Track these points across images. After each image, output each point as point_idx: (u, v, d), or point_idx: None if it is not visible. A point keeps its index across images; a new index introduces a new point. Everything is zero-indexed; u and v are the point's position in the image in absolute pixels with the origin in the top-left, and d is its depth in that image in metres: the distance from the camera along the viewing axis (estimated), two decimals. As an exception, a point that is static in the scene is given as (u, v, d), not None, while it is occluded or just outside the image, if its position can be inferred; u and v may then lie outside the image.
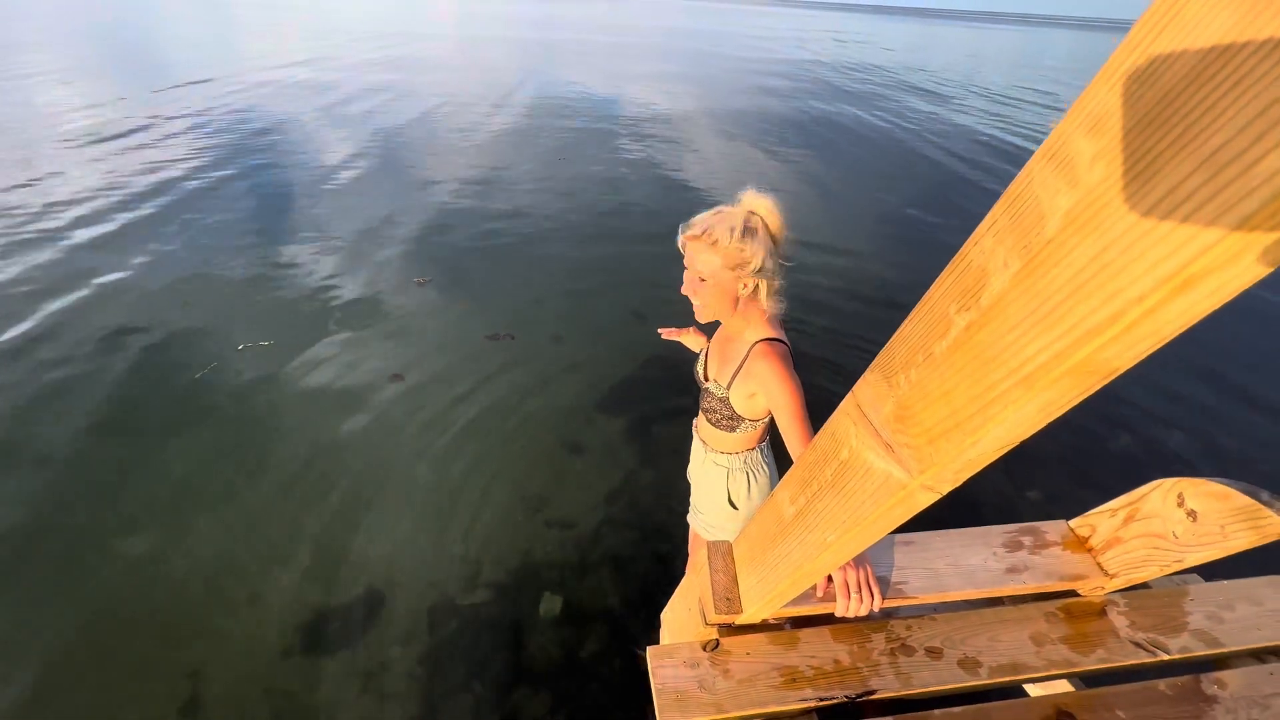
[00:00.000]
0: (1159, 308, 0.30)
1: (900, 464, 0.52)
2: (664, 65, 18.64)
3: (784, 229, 1.18)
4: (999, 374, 0.40)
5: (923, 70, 20.76)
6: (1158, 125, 0.29)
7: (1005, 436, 0.42)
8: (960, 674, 0.97)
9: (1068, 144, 0.34)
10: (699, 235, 1.15)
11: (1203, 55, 0.27)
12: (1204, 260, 0.27)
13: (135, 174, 6.33)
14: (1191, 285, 0.28)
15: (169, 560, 2.29)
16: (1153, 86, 0.29)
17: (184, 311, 3.94)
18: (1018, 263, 0.38)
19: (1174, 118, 0.28)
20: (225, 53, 15.70)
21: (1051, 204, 0.35)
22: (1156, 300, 0.29)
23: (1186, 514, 0.96)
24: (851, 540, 0.63)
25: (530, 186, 6.74)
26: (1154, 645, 1.05)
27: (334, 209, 5.79)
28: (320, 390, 3.25)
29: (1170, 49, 0.28)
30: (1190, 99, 0.27)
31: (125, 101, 9.44)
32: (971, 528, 1.19)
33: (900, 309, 4.03)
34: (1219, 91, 0.26)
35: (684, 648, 0.98)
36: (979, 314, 0.42)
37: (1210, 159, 0.27)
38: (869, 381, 0.57)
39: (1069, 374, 0.35)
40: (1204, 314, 0.30)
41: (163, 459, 2.76)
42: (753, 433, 1.43)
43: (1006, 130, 11.14)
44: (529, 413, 3.14)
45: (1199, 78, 0.27)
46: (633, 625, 2.13)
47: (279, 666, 1.98)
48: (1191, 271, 0.28)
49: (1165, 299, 0.29)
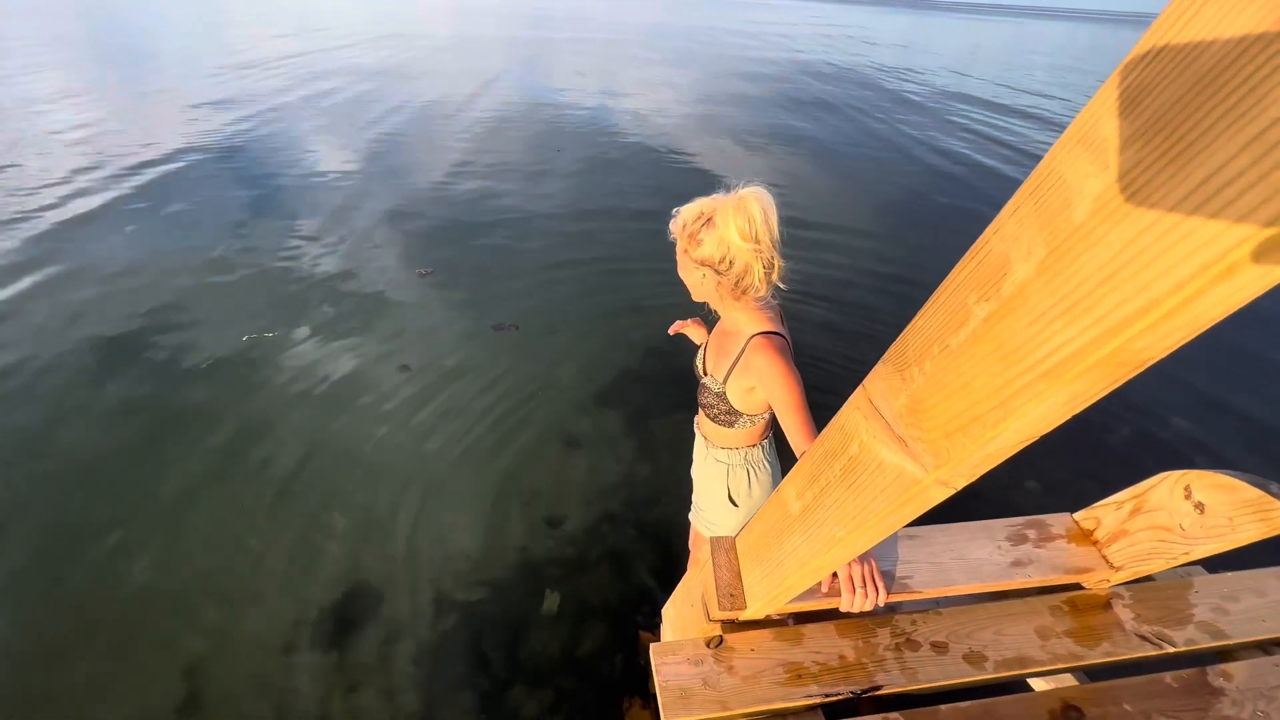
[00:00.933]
0: (1197, 296, 0.28)
1: (914, 459, 0.51)
2: (657, 60, 18.54)
3: (764, 223, 1.11)
4: (1022, 366, 0.39)
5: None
6: (1199, 104, 0.27)
7: (1027, 430, 0.41)
8: (966, 669, 0.96)
9: (1099, 125, 0.33)
10: (674, 222, 1.21)
11: (1252, 25, 0.25)
12: (1248, 245, 0.26)
13: (125, 164, 6.28)
14: (1234, 272, 0.27)
15: (166, 556, 2.28)
16: (1195, 62, 0.27)
17: (185, 303, 3.92)
18: (1043, 250, 0.37)
19: (1217, 95, 0.27)
20: (210, 46, 15.53)
21: (1080, 189, 0.34)
22: (1195, 289, 0.28)
23: (1194, 506, 0.96)
24: (862, 536, 0.62)
25: (527, 179, 6.71)
26: (1159, 638, 1.05)
27: (333, 202, 5.75)
28: (321, 383, 3.23)
29: (1215, 20, 0.27)
30: (1236, 74, 0.26)
31: (116, 96, 9.33)
32: (975, 521, 1.18)
33: (904, 297, 4.01)
34: (1270, 66, 0.25)
35: (687, 644, 0.97)
36: (1000, 304, 0.40)
37: (1258, 139, 0.25)
38: (880, 374, 0.56)
39: (1098, 366, 0.34)
40: (1245, 302, 0.28)
41: (161, 452, 2.73)
42: (753, 429, 1.41)
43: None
44: (526, 407, 3.12)
45: (1246, 51, 0.25)
46: (633, 621, 2.12)
47: (278, 663, 1.97)
48: (1235, 258, 0.26)
49: (1205, 287, 0.28)
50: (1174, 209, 0.28)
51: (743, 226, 1.11)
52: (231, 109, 9.02)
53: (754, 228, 1.11)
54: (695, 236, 1.16)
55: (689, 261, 1.20)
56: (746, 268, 1.15)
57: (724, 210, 1.12)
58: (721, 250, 1.14)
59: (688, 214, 1.18)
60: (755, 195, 1.12)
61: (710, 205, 1.15)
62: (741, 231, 1.11)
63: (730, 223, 1.11)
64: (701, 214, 1.16)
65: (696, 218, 1.16)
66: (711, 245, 1.14)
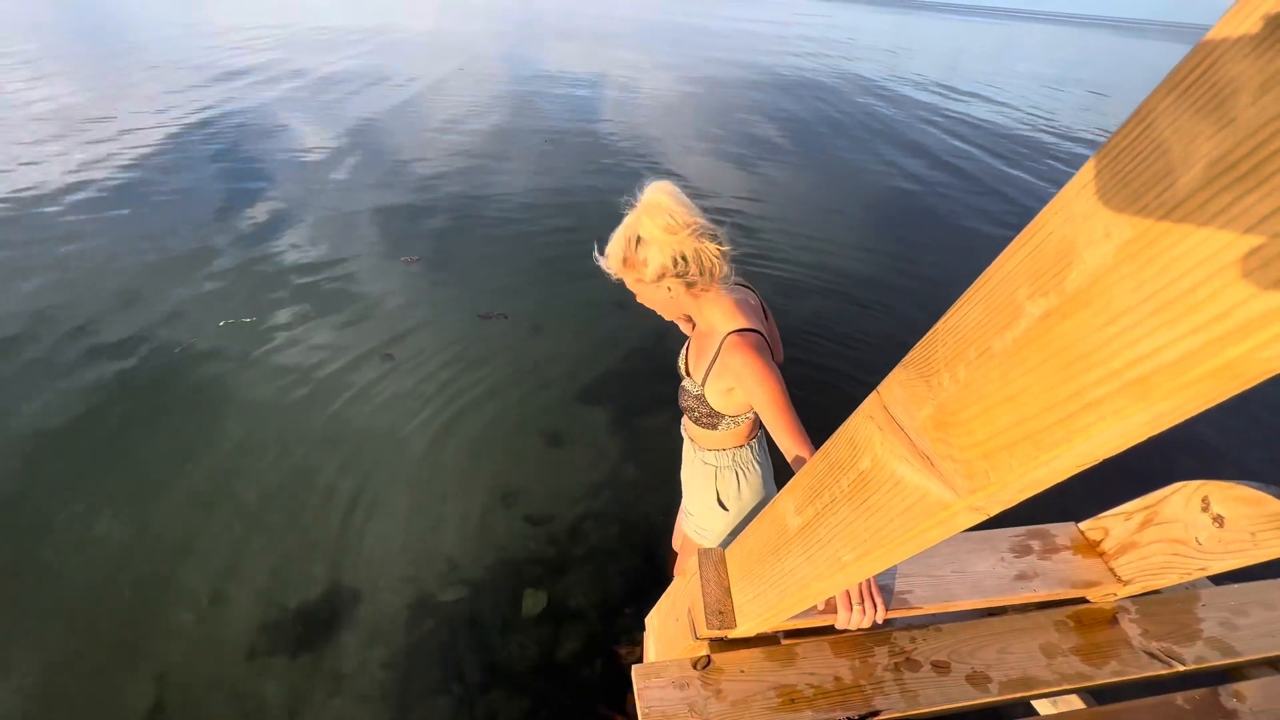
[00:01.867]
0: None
1: (942, 480, 0.43)
2: (644, 55, 18.38)
3: (680, 205, 1.08)
4: (1093, 376, 0.31)
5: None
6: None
7: (1092, 454, 0.34)
8: (970, 691, 0.90)
9: (1218, 69, 0.25)
10: (608, 263, 1.17)
11: None
12: None
13: (106, 154, 6.05)
14: None
15: (128, 556, 2.16)
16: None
17: (159, 289, 3.79)
18: (1127, 232, 0.29)
19: None
20: (186, 36, 15.11)
21: (1186, 152, 0.26)
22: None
23: (1212, 519, 0.90)
24: (872, 562, 0.55)
25: (515, 170, 6.58)
26: (1169, 655, 0.99)
27: (315, 189, 5.62)
28: (298, 374, 3.12)
29: None
30: None
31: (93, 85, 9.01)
32: (976, 531, 1.12)
33: (887, 306, 3.93)
34: None
35: (672, 665, 0.90)
36: (1062, 300, 0.33)
37: None
38: (900, 379, 0.48)
39: (1204, 379, 0.27)
40: None
41: (125, 445, 2.61)
42: (738, 429, 1.34)
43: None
44: (508, 404, 3.03)
45: None
46: (615, 624, 2.05)
47: (246, 668, 1.88)
48: None
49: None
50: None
51: (667, 222, 1.07)
52: (210, 95, 8.77)
53: (676, 217, 1.07)
54: (637, 260, 1.12)
55: (647, 287, 1.16)
56: (699, 253, 1.09)
57: (642, 221, 1.08)
58: (667, 254, 1.09)
59: (615, 248, 1.14)
60: (656, 190, 1.09)
61: (630, 227, 1.12)
62: (669, 226, 1.06)
63: (654, 227, 1.07)
64: (628, 238, 1.12)
65: (626, 243, 1.12)
66: (656, 256, 1.09)
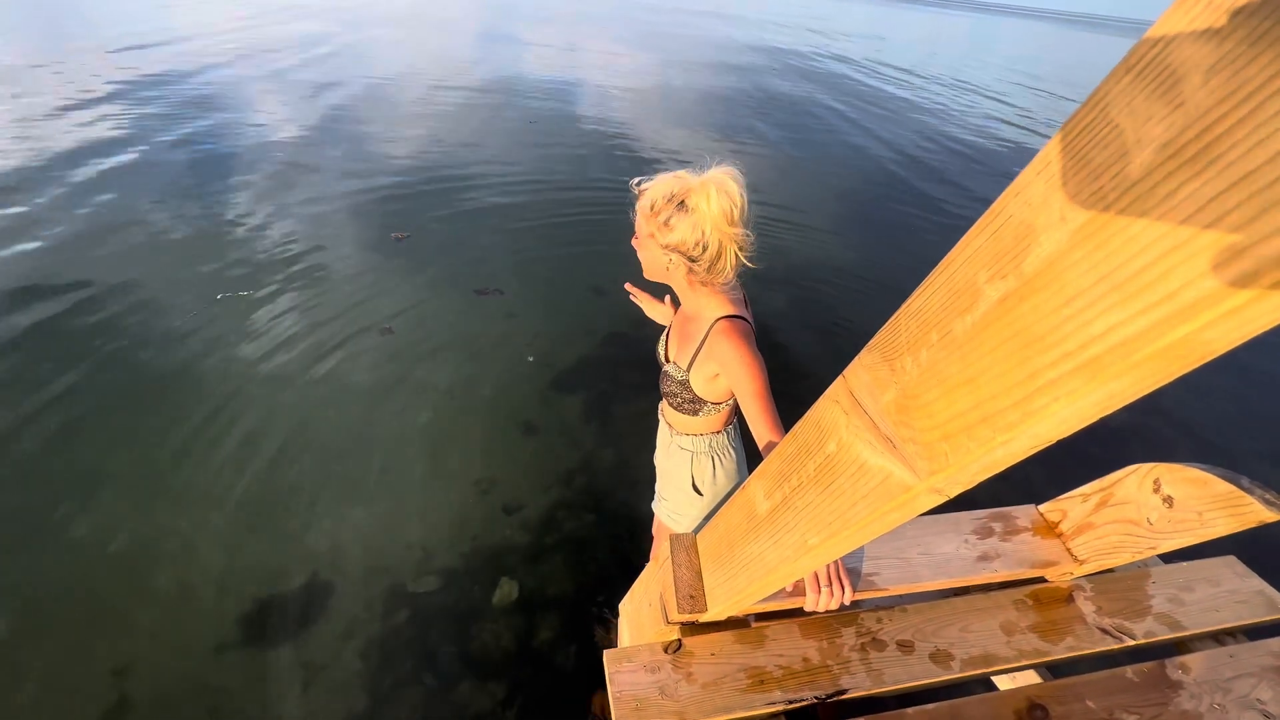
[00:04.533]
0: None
1: (904, 462, 0.44)
2: (625, 41, 18.19)
3: (737, 208, 1.04)
4: (1049, 357, 0.32)
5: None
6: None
7: (1046, 434, 0.34)
8: (932, 668, 0.92)
9: (1169, 52, 0.25)
10: (640, 193, 1.11)
11: None
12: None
13: (97, 133, 5.78)
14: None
15: (88, 547, 2.09)
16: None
17: (153, 265, 3.74)
18: (1081, 215, 0.29)
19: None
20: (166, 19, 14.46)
21: (1139, 135, 0.27)
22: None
23: (1163, 500, 0.94)
24: (837, 544, 0.55)
25: (499, 149, 6.54)
26: (1120, 631, 1.04)
27: (303, 167, 5.55)
28: (275, 351, 3.09)
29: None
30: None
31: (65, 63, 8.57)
32: (942, 514, 1.15)
33: (885, 287, 4.01)
34: None
35: (644, 650, 0.91)
36: (1020, 282, 0.33)
37: None
38: (865, 364, 0.49)
39: (1154, 358, 0.27)
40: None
41: (78, 434, 2.52)
42: (717, 415, 1.35)
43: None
44: (482, 391, 3.00)
45: None
46: (590, 611, 2.06)
47: (214, 663, 1.84)
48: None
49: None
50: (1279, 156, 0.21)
51: (728, 209, 1.02)
52: (194, 74, 8.42)
53: (738, 211, 1.03)
54: (666, 221, 1.07)
55: (654, 245, 1.11)
56: (721, 252, 1.07)
57: (699, 192, 1.03)
58: (696, 235, 1.05)
59: (656, 194, 1.07)
60: (733, 176, 1.03)
61: (680, 186, 1.05)
62: (727, 215, 1.03)
63: (713, 205, 1.02)
64: (673, 195, 1.05)
65: (668, 199, 1.05)
66: (685, 230, 1.05)
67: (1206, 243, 0.24)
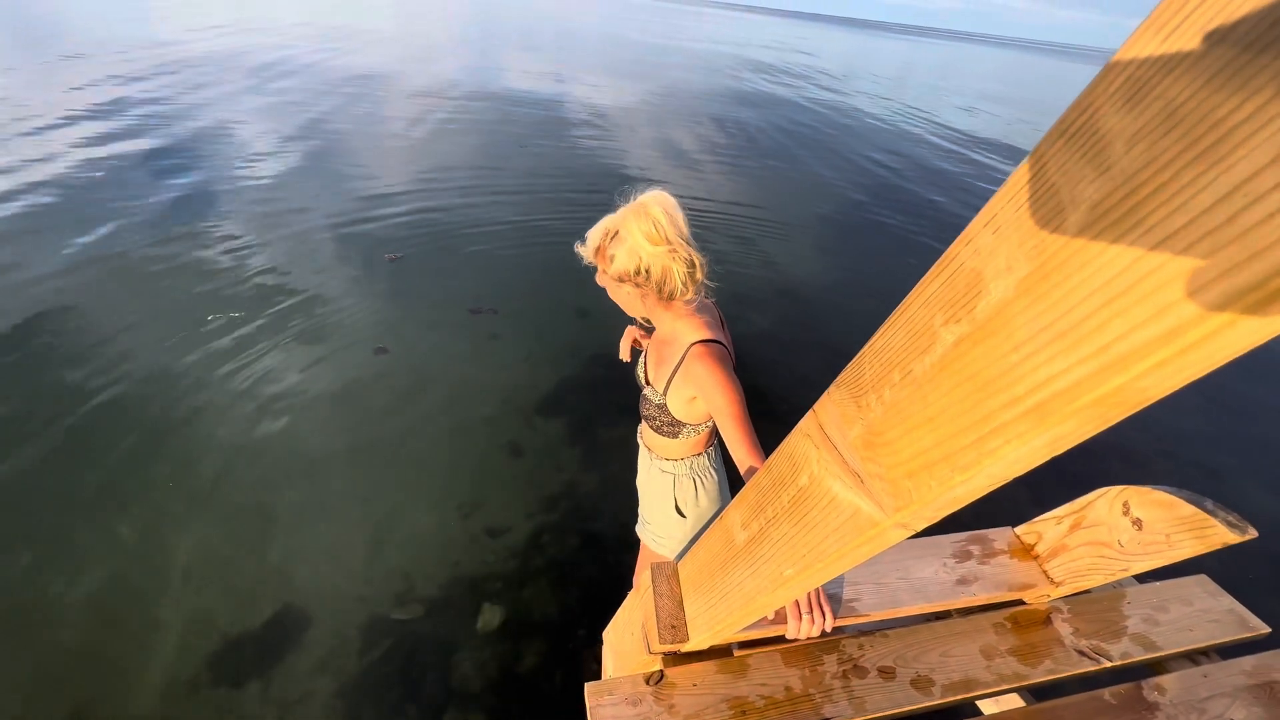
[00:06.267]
0: (1229, 326, 0.23)
1: (871, 498, 0.45)
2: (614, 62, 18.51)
3: (670, 224, 1.08)
4: (999, 401, 0.33)
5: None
6: (1235, 86, 0.22)
7: (1001, 474, 0.35)
8: (914, 695, 0.92)
9: (1096, 119, 0.27)
10: (584, 248, 1.18)
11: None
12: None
13: (77, 153, 5.71)
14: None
15: (49, 580, 2.03)
16: (1231, 31, 0.22)
17: (137, 289, 3.71)
18: (1025, 266, 0.31)
19: (1262, 73, 0.21)
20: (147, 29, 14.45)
21: (1073, 194, 0.28)
22: (1228, 318, 0.22)
23: (1132, 522, 0.95)
24: (811, 576, 0.56)
25: (489, 171, 6.62)
26: (1097, 652, 1.05)
27: (292, 192, 5.56)
28: (248, 379, 3.01)
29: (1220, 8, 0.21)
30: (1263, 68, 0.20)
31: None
32: (921, 538, 1.16)
33: (853, 311, 4.06)
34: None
35: (625, 682, 0.90)
36: (972, 327, 0.34)
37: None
38: (834, 399, 0.50)
39: (1094, 405, 0.28)
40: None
41: (59, 457, 2.45)
42: (697, 438, 1.36)
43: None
44: (464, 413, 2.98)
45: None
46: (575, 637, 2.03)
47: (184, 702, 1.78)
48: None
49: (1241, 314, 0.22)
50: (1200, 220, 0.23)
51: (649, 231, 1.07)
52: (177, 97, 8.40)
53: (661, 230, 1.07)
54: (606, 253, 1.14)
55: (610, 281, 1.18)
56: (665, 272, 1.10)
57: (627, 221, 1.09)
58: (634, 261, 1.10)
59: (594, 235, 1.15)
60: (655, 199, 1.09)
61: (615, 220, 1.12)
62: (649, 236, 1.07)
63: (635, 230, 1.07)
64: (607, 230, 1.13)
65: (604, 235, 1.13)
66: (624, 258, 1.10)
67: (1136, 298, 0.25)
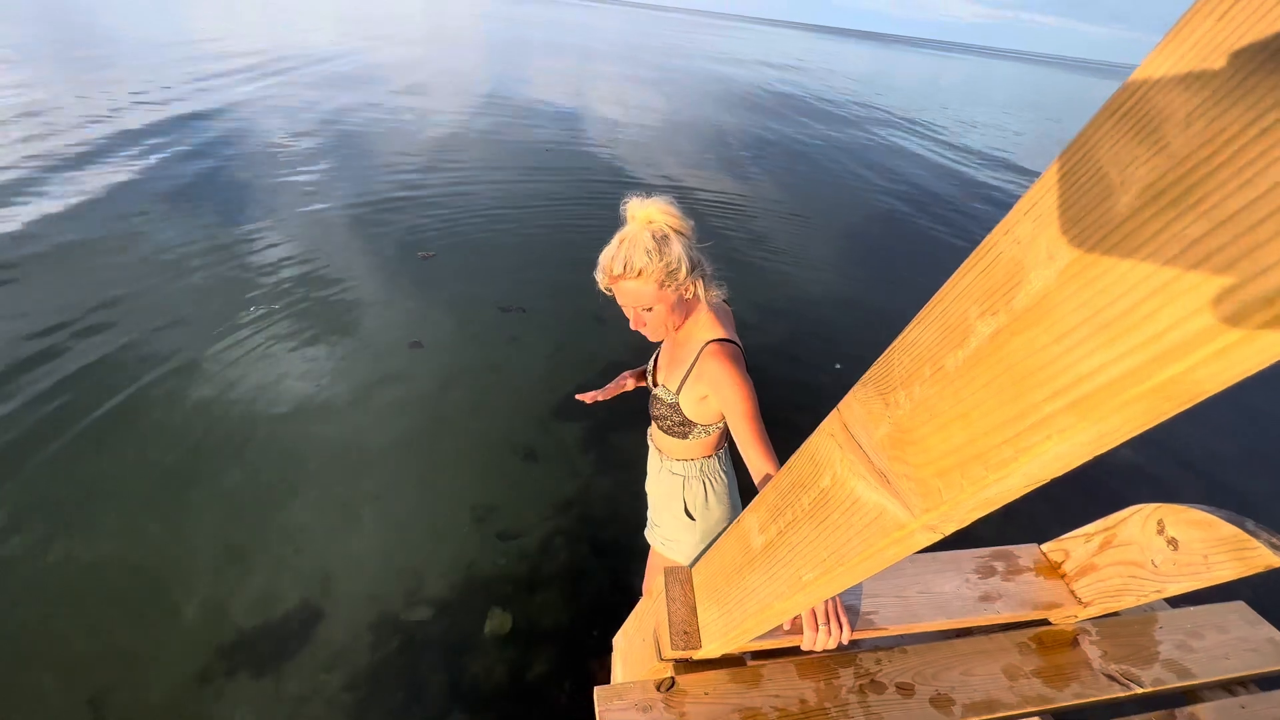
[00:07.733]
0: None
1: (898, 498, 0.43)
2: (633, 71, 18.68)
3: (686, 219, 1.14)
4: (1040, 395, 0.31)
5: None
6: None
7: (1040, 473, 0.34)
8: (933, 714, 0.89)
9: (1150, 97, 0.26)
10: (622, 273, 1.10)
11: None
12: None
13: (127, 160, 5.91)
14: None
15: (68, 569, 2.06)
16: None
17: (172, 286, 3.81)
18: (1068, 254, 0.29)
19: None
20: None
21: (1123, 176, 0.27)
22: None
23: (1167, 542, 0.92)
24: (832, 581, 0.54)
25: (517, 174, 6.75)
26: (1127, 678, 1.01)
27: (325, 192, 5.73)
28: (272, 376, 3.07)
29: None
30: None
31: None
32: (942, 552, 1.13)
33: (878, 313, 4.03)
34: None
35: (635, 687, 0.88)
36: (1011, 318, 0.33)
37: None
38: (860, 397, 0.48)
39: (1143, 398, 0.27)
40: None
41: (84, 448, 2.51)
42: (707, 439, 1.34)
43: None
44: (480, 418, 2.99)
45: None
46: (585, 644, 2.01)
47: (196, 692, 1.79)
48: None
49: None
50: (1262, 200, 0.22)
51: (681, 222, 1.12)
52: (214, 97, 8.68)
53: (685, 223, 1.13)
54: (664, 262, 1.08)
55: (666, 293, 1.13)
56: (695, 262, 1.14)
57: (658, 225, 1.11)
58: (686, 259, 1.11)
59: (634, 253, 1.08)
60: (652, 200, 1.12)
61: (642, 234, 1.09)
62: (684, 232, 1.13)
63: (675, 231, 1.11)
64: (652, 236, 1.08)
65: (651, 245, 1.08)
66: (680, 257, 1.10)
67: (1192, 283, 0.24)
